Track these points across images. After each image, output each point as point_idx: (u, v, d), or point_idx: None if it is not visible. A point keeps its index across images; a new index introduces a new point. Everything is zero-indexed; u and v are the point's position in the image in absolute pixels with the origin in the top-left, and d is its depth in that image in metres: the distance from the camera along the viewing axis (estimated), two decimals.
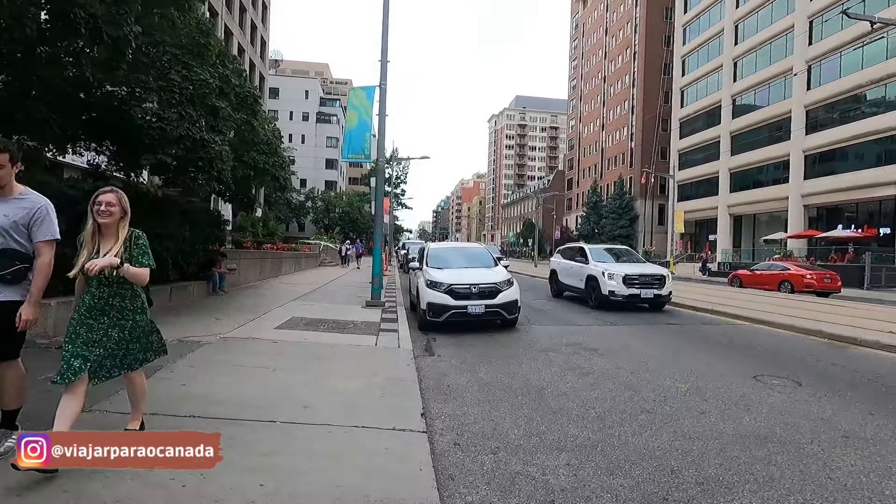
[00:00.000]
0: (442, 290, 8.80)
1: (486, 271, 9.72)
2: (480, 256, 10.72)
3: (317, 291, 14.57)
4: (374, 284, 11.43)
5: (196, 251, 11.11)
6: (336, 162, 78.62)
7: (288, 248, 26.51)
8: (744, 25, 45.12)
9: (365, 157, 11.46)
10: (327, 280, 18.76)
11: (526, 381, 5.69)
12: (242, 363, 5.64)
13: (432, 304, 8.75)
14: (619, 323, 10.14)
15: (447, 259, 10.29)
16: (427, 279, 9.13)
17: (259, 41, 50.33)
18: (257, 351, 6.27)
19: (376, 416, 4.20)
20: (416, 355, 6.90)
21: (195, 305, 10.12)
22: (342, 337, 7.57)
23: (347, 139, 11.48)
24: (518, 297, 9.17)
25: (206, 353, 6.03)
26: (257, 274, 16.71)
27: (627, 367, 6.35)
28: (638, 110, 63.86)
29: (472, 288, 8.78)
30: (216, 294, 12.17)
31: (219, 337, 6.92)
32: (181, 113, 7.82)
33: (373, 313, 10.29)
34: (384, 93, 11.50)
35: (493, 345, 7.85)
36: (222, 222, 12.52)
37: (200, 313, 9.09)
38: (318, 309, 10.54)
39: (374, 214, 11.99)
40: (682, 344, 8.02)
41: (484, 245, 12.83)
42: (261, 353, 6.15)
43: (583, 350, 7.36)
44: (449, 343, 7.93)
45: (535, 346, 7.66)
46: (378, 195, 11.83)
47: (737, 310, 11.75)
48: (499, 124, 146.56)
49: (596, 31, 77.86)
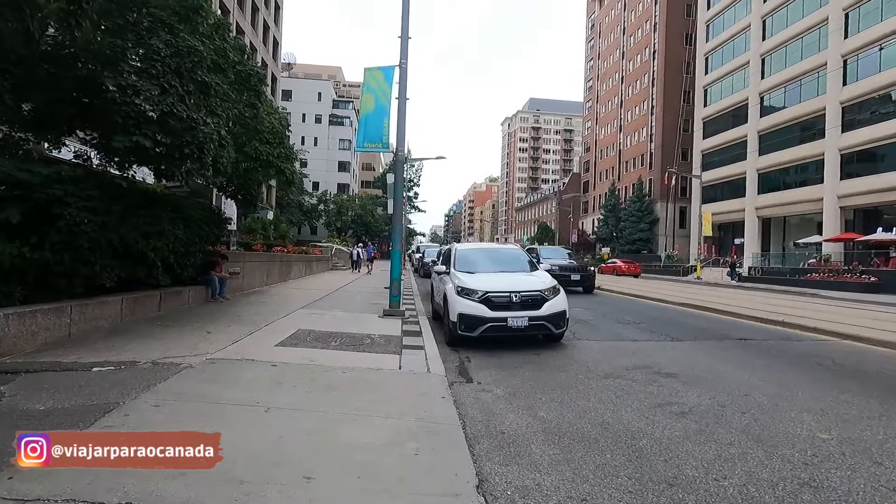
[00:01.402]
0: (476, 298, 7.36)
1: (526, 276, 8.28)
2: (516, 259, 9.27)
3: (328, 298, 13.22)
4: (392, 291, 10.02)
5: (192, 252, 9.79)
6: (349, 164, 77.69)
7: (299, 250, 25.26)
8: (772, 20, 43.26)
9: (383, 146, 10.07)
10: (339, 285, 17.42)
11: (604, 424, 4.24)
12: (227, 399, 4.25)
13: (465, 316, 7.31)
14: (680, 338, 8.63)
15: (478, 261, 8.86)
16: (457, 285, 7.70)
17: (271, 41, 49.50)
18: (250, 379, 4.88)
19: (412, 492, 2.80)
20: (451, 381, 5.49)
21: (188, 315, 8.80)
22: (358, 357, 6.17)
23: (363, 126, 10.11)
24: (567, 307, 7.71)
25: (182, 382, 4.66)
26: (264, 278, 15.41)
27: (730, 403, 4.86)
28: (658, 110, 62.02)
29: (513, 296, 7.32)
30: (215, 301, 10.86)
31: (205, 358, 5.55)
32: (164, 86, 6.50)
33: (392, 324, 8.89)
34: (405, 73, 10.13)
35: (542, 366, 6.40)
36: (223, 221, 11.20)
37: (192, 325, 7.75)
38: (329, 320, 9.16)
39: (393, 212, 10.59)
40: (781, 368, 6.48)
41: (517, 245, 11.30)
42: (254, 383, 4.75)
43: (659, 376, 5.87)
44: (487, 363, 6.51)
45: (594, 370, 6.20)
46: (397, 190, 10.45)
47: (809, 321, 10.17)
48: (512, 127, 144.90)
49: (613, 31, 76.14)
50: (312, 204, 67.78)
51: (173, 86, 6.64)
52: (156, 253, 8.26)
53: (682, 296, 16.75)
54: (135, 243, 7.64)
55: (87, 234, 6.42)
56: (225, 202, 15.97)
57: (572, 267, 18.77)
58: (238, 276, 12.97)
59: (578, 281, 18.08)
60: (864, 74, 33.92)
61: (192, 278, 10.48)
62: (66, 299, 6.63)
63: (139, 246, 7.76)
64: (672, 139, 58.90)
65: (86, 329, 6.63)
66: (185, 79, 6.85)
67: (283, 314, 9.44)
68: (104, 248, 6.86)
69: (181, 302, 9.67)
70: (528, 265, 9.00)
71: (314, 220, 68.10)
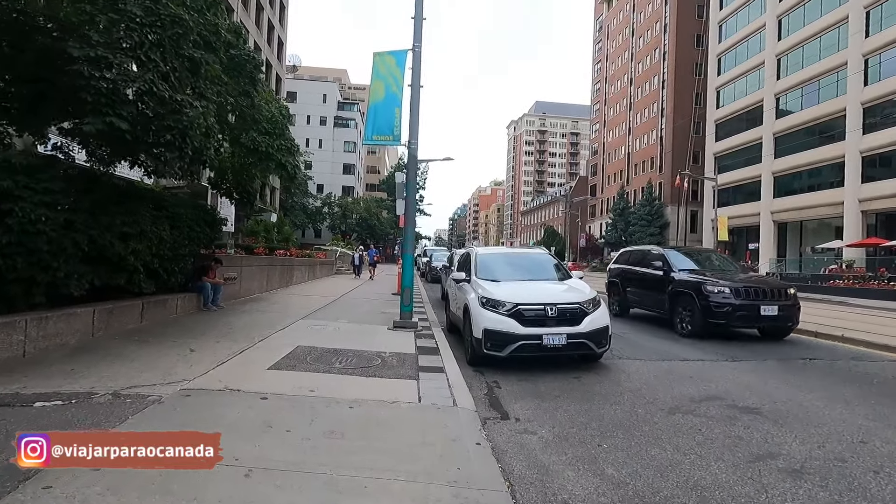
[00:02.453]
0: (504, 311, 6.29)
1: (559, 286, 7.21)
2: (544, 265, 8.20)
3: (332, 306, 12.17)
4: (403, 300, 8.96)
5: (180, 256, 8.79)
6: (354, 167, 76.88)
7: (302, 254, 24.26)
8: (788, 20, 42.10)
9: (394, 138, 9.03)
10: (344, 291, 16.38)
11: (698, 487, 3.17)
12: None
13: (491, 332, 6.24)
14: (736, 357, 7.53)
15: (501, 268, 7.79)
16: (481, 296, 6.64)
17: (276, 41, 48.70)
18: (231, 421, 3.81)
19: None
20: (484, 418, 4.44)
21: (173, 327, 7.76)
22: (367, 385, 5.11)
23: (371, 116, 9.07)
24: (609, 322, 6.63)
25: (141, 425, 3.61)
26: (263, 284, 14.39)
27: (850, 455, 3.77)
28: (668, 113, 60.86)
29: (549, 309, 6.24)
30: (208, 310, 9.83)
31: (179, 388, 4.50)
32: (142, 58, 5.49)
33: (404, 339, 7.83)
34: (419, 58, 9.10)
35: (588, 396, 5.32)
36: (218, 221, 10.18)
37: (175, 340, 6.71)
38: (333, 333, 8.11)
39: (405, 212, 9.53)
40: (880, 399, 5.35)
41: (544, 250, 10.12)
42: (236, 427, 3.69)
43: (738, 412, 4.78)
44: (521, 391, 5.45)
45: (654, 402, 5.12)
46: (409, 188, 9.40)
47: (871, 336, 9.05)
48: (518, 130, 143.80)
49: (621, 33, 75.12)
50: (317, 207, 66.94)
51: (153, 60, 5.63)
52: (136, 256, 7.27)
53: None
54: (110, 246, 6.63)
55: (46, 233, 5.40)
56: (221, 202, 14.97)
57: (764, 288, 9.06)
58: (235, 282, 11.95)
59: (776, 316, 8.80)
60: (888, 74, 32.72)
61: (181, 285, 9.49)
62: (23, 311, 5.62)
63: (115, 248, 6.75)
64: (683, 142, 57.71)
65: (46, 347, 5.60)
66: (168, 52, 5.84)
67: (280, 326, 8.39)
68: (69, 250, 5.84)
69: (168, 312, 8.64)
70: (558, 272, 7.93)
71: (318, 223, 67.24)
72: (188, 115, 5.94)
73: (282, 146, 8.80)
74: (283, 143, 8.87)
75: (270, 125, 8.71)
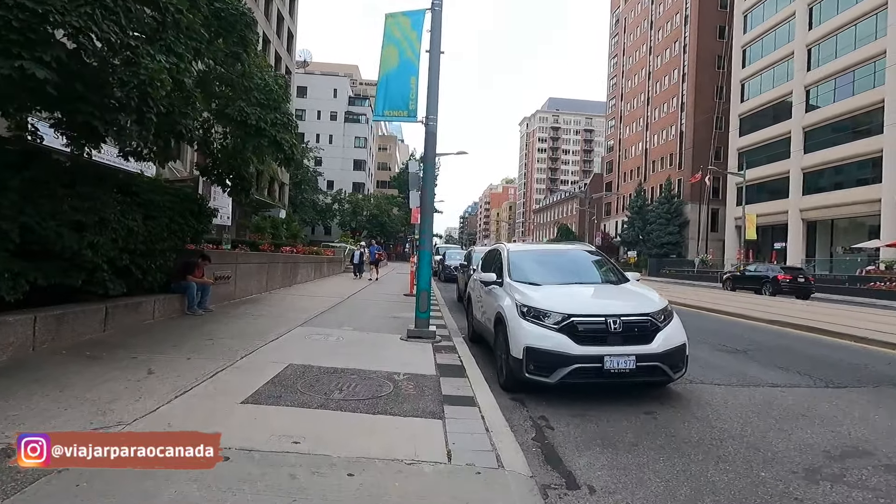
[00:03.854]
0: (552, 324, 4.85)
1: (616, 291, 5.76)
2: (591, 265, 6.71)
3: (337, 309, 10.81)
4: (419, 305, 7.54)
5: (157, 252, 7.47)
6: (364, 163, 75.64)
7: (309, 251, 22.97)
8: (819, 7, 40.03)
9: (408, 113, 7.61)
10: (352, 291, 15.02)
11: None
12: None
13: (536, 352, 4.80)
14: (836, 381, 6.01)
15: (541, 269, 6.32)
16: (521, 303, 5.20)
17: (286, 33, 47.54)
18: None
19: None
20: (544, 486, 3.04)
21: (141, 337, 6.42)
22: (375, 427, 3.70)
23: (382, 88, 7.66)
24: (686, 338, 5.17)
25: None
26: (263, 283, 13.06)
27: None
28: (688, 107, 58.80)
29: (611, 322, 4.78)
30: (193, 313, 8.51)
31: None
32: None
33: (420, 353, 6.44)
34: (439, 19, 7.67)
35: (677, 445, 3.88)
36: (206, 212, 8.85)
37: (134, 356, 5.35)
38: (334, 344, 6.73)
39: (421, 202, 8.10)
40: None
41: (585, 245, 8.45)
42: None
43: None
44: (581, 434, 4.04)
45: (773, 457, 3.66)
46: (426, 172, 7.97)
47: None
48: (531, 127, 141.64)
49: (639, 25, 73.02)
50: (327, 203, 65.75)
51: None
52: (95, 251, 5.94)
53: (756, 309, 14.05)
54: (56, 237, 5.31)
55: None
56: (215, 192, 13.65)
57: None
58: (229, 282, 10.63)
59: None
60: None
61: (162, 285, 8.17)
62: None
63: (65, 241, 5.42)
64: (704, 137, 55.66)
65: None
66: None
67: (273, 335, 7.03)
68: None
69: (141, 317, 7.32)
70: (611, 273, 6.45)
71: (328, 220, 66.07)
72: (148, 67, 4.57)
73: (277, 120, 7.39)
74: (279, 117, 7.46)
75: (263, 95, 7.32)
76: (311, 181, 62.28)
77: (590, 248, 7.32)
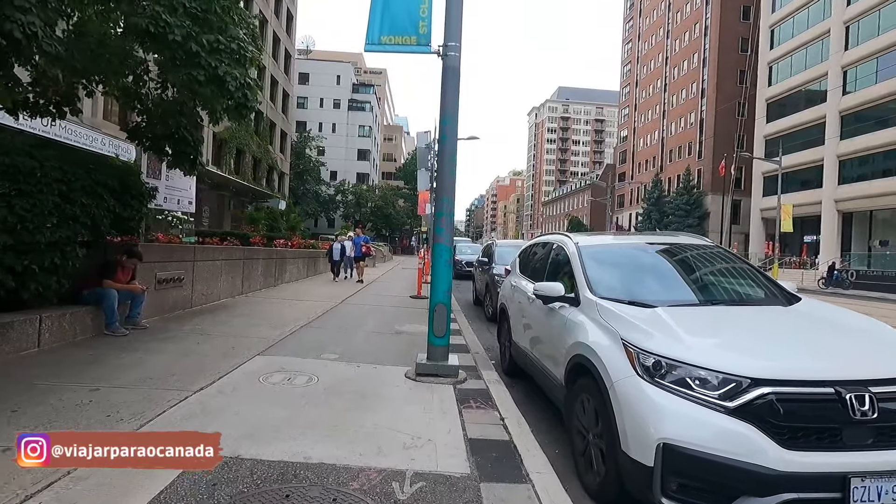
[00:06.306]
0: (717, 397, 2.35)
1: (805, 322, 3.18)
2: (724, 271, 4.08)
3: (321, 321, 8.34)
4: (434, 327, 4.98)
5: (42, 246, 5.01)
6: (369, 153, 73.02)
7: (305, 244, 20.49)
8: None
9: (419, 40, 5.08)
10: (344, 295, 12.54)
11: None
12: None
13: (689, 458, 2.30)
14: None
15: (644, 278, 3.79)
16: (636, 346, 2.70)
17: (285, 13, 44.91)
18: None
19: None
20: None
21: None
22: None
23: (377, 3, 5.17)
24: None
25: None
26: (236, 285, 10.61)
27: None
28: (709, 93, 55.70)
29: (853, 400, 2.25)
30: (113, 333, 6.07)
31: None
32: None
33: (439, 413, 3.97)
34: None
35: None
36: (135, 187, 6.37)
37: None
38: (301, 395, 4.26)
39: (439, 174, 5.47)
40: None
41: (697, 238, 4.63)
42: None
43: None
44: None
45: None
46: (446, 127, 5.39)
47: None
48: (540, 117, 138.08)
49: (656, 8, 69.69)
50: (330, 194, 63.23)
51: None
52: None
53: None
54: None
55: None
56: (173, 172, 11.06)
57: None
58: (181, 285, 8.19)
59: None
60: None
61: (65, 294, 5.74)
62: None
63: None
64: (726, 124, 52.60)
65: None
66: None
67: (210, 378, 4.54)
68: None
69: (15, 345, 4.86)
70: (758, 285, 3.83)
71: (331, 212, 63.59)
72: None
73: (220, 45, 4.85)
74: (223, 40, 4.90)
75: (196, 2, 4.71)
76: (313, 171, 59.82)
77: (705, 240, 4.60)
